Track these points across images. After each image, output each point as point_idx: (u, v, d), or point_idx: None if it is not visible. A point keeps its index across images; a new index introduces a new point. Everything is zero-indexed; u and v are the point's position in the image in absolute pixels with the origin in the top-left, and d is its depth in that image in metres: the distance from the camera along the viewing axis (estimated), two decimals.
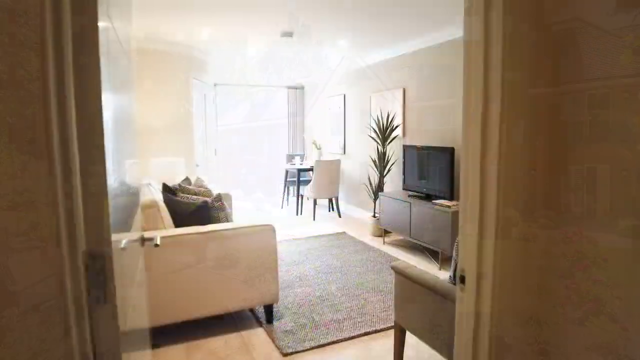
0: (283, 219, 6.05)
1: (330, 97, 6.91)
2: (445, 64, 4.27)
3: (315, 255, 4.26)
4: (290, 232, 5.22)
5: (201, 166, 5.49)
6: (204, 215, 2.64)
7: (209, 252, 2.48)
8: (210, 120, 6.00)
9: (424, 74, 4.62)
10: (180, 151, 4.96)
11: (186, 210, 2.69)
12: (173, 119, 4.88)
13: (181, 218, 2.68)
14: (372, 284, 3.44)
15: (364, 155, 5.94)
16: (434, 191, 4.13)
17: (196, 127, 5.28)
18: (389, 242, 4.75)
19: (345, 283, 3.47)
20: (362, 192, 6.04)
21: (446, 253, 3.73)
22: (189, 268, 2.43)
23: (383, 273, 3.70)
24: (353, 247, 4.54)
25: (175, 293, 2.41)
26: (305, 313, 2.92)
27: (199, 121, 5.43)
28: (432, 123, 4.53)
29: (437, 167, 4.07)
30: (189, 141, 5.06)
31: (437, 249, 3.83)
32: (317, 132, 7.61)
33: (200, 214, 2.63)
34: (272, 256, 2.68)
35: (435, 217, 3.83)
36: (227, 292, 2.56)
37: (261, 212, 6.65)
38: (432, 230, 3.87)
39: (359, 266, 3.89)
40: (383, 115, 5.30)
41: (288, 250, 4.41)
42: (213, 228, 2.52)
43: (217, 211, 2.80)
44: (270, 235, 2.66)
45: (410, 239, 4.21)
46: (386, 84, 5.33)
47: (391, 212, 4.50)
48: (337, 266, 3.89)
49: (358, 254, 4.26)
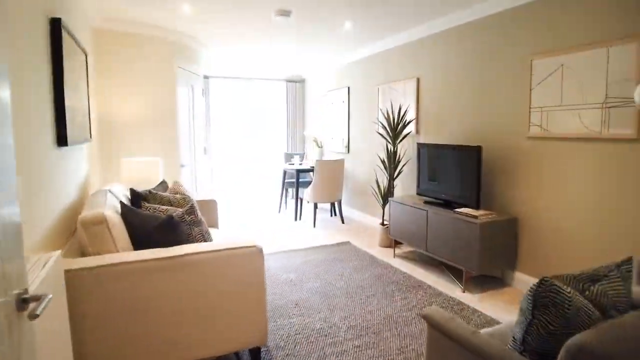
0: (280, 225, 5.44)
1: (333, 90, 6.29)
2: (470, 47, 3.65)
3: (315, 271, 3.64)
4: (287, 242, 4.60)
5: (187, 166, 4.88)
6: (171, 233, 2.03)
7: (173, 284, 1.87)
8: (199, 116, 5.38)
9: (444, 60, 3.99)
10: (161, 150, 4.35)
11: (149, 225, 2.08)
12: (153, 114, 4.27)
13: (144, 237, 2.07)
14: (384, 312, 2.82)
15: (371, 155, 5.32)
16: (455, 197, 3.51)
17: (182, 122, 4.67)
18: (400, 255, 4.13)
19: (351, 311, 2.85)
20: (369, 196, 5.42)
21: (472, 272, 3.11)
22: (143, 307, 1.82)
23: (396, 297, 3.08)
24: (359, 261, 3.93)
25: (124, 340, 1.80)
26: (302, 355, 2.31)
27: (185, 116, 4.82)
28: (453, 118, 3.90)
29: (459, 170, 3.45)
30: (172, 139, 4.45)
31: (460, 266, 3.22)
32: (319, 128, 6.99)
33: (165, 231, 2.02)
34: (259, 286, 2.06)
35: (458, 228, 3.21)
36: (200, 335, 1.95)
37: (253, 220, 6.04)
38: (454, 245, 3.25)
39: (366, 287, 3.28)
40: (394, 109, 4.67)
41: (283, 266, 3.80)
42: (178, 252, 1.91)
43: (189, 227, 2.19)
44: (256, 259, 2.05)
45: (426, 252, 3.59)
46: (397, 74, 4.71)
47: (403, 220, 3.88)
48: (341, 287, 3.28)
49: (365, 271, 3.65)
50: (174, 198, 2.87)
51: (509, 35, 3.26)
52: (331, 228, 5.29)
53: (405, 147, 4.65)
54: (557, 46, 2.88)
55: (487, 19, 3.44)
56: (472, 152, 3.30)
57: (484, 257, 3.08)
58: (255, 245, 2.05)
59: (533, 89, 3.07)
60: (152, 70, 4.23)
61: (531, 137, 3.12)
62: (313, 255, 4.12)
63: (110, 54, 3.96)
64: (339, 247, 4.38)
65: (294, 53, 5.65)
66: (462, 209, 3.35)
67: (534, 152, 3.10)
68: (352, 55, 5.58)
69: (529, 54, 3.10)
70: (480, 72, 3.55)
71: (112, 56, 3.98)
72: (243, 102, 7.36)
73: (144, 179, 3.50)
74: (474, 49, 3.60)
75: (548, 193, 3.01)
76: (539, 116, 3.03)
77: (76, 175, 2.67)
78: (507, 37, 3.27)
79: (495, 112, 3.42)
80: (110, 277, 1.77)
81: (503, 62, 3.32)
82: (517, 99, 3.21)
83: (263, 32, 4.41)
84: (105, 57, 3.94)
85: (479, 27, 3.53)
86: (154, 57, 4.24)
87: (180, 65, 4.57)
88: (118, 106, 4.04)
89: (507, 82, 3.29)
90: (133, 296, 1.81)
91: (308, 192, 5.39)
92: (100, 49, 3.91)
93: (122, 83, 4.04)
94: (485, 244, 3.08)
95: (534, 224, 3.14)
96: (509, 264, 3.26)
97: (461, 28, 3.73)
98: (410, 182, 4.55)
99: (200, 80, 5.33)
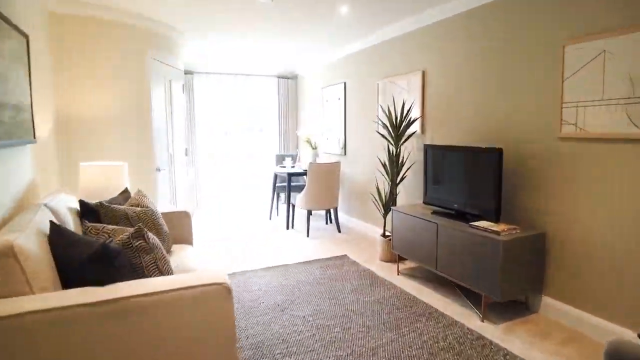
0: (269, 235, 4.92)
1: (328, 86, 5.78)
2: (486, 33, 3.15)
3: (306, 293, 3.13)
4: (276, 255, 4.09)
5: (165, 170, 4.35)
6: (108, 267, 1.51)
7: (106, 339, 1.36)
8: (180, 114, 4.86)
9: (454, 50, 3.49)
10: (132, 152, 3.82)
11: (81, 255, 1.55)
12: (122, 111, 3.73)
13: (74, 271, 1.54)
14: (390, 349, 2.32)
15: (370, 157, 4.81)
16: (470, 208, 3.01)
17: (158, 121, 4.14)
18: (405, 272, 3.63)
19: (350, 349, 2.34)
20: (368, 203, 4.91)
21: (493, 298, 2.61)
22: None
23: (403, 329, 2.57)
24: (358, 279, 3.42)
25: None
26: None
27: (162, 114, 4.29)
28: (466, 116, 3.40)
29: (475, 176, 2.95)
30: (145, 139, 3.92)
31: (478, 290, 2.72)
32: (313, 128, 6.48)
33: (100, 264, 1.49)
34: (227, 334, 1.55)
35: (476, 246, 2.71)
36: None
37: (240, 230, 5.52)
38: (471, 265, 2.75)
39: (368, 314, 2.77)
40: (397, 105, 4.17)
41: (270, 285, 3.28)
42: (113, 294, 1.39)
43: (137, 255, 1.67)
44: (223, 301, 1.53)
45: (436, 271, 3.09)
46: (400, 68, 4.20)
47: (408, 233, 3.38)
48: (338, 315, 2.77)
49: (365, 293, 3.14)
50: (132, 212, 2.35)
51: (534, 17, 2.76)
52: (326, 238, 4.78)
53: (408, 149, 4.14)
54: (597, 28, 2.39)
55: None
56: (492, 156, 2.80)
57: (508, 280, 2.58)
58: (222, 283, 1.53)
59: (566, 80, 2.57)
60: (121, 61, 3.70)
61: (563, 138, 2.62)
62: (305, 272, 3.60)
63: (71, 42, 3.43)
64: (335, 262, 3.86)
65: (284, 46, 5.13)
66: (479, 222, 2.85)
67: (566, 155, 2.60)
68: (349, 48, 5.07)
69: (560, 39, 2.60)
70: (499, 62, 3.05)
71: (73, 44, 3.44)
72: (231, 100, 6.84)
73: (104, 187, 2.97)
74: (491, 36, 3.11)
75: (583, 203, 2.52)
76: (573, 113, 2.54)
77: (6, 185, 2.14)
78: (532, 20, 2.78)
79: (518, 108, 2.92)
80: (10, 333, 1.25)
81: (528, 50, 2.82)
82: (546, 93, 2.71)
83: (248, 21, 3.89)
84: (65, 45, 3.40)
85: (498, 9, 3.03)
86: (124, 47, 3.71)
87: (156, 57, 4.05)
88: (81, 102, 3.51)
89: (532, 73, 2.80)
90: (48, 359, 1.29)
91: (300, 199, 4.87)
92: (58, 36, 3.38)
93: (85, 75, 3.51)
94: (510, 265, 2.58)
95: (565, 240, 2.64)
96: (535, 287, 2.77)
97: (475, 11, 3.23)
98: (415, 188, 4.05)
99: (180, 75, 4.81)
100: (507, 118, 3.00)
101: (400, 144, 3.80)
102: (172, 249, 2.73)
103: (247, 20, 3.97)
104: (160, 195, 4.17)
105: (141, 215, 2.39)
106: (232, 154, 6.97)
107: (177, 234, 2.95)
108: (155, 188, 4.04)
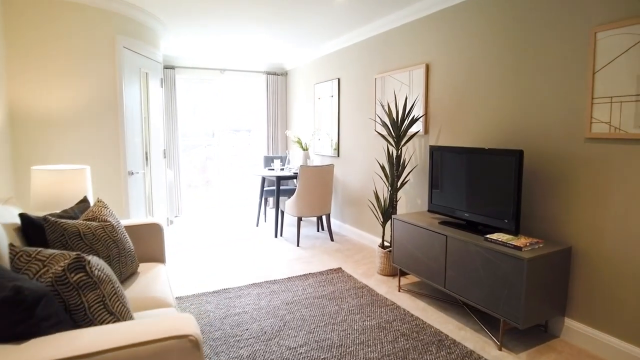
0: (256, 245, 4.51)
1: (320, 82, 5.39)
2: (500, 20, 2.80)
3: (297, 317, 2.73)
4: (262, 269, 3.68)
5: (139, 174, 3.91)
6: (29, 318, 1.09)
7: None
8: (158, 111, 4.42)
9: (462, 40, 3.14)
10: (98, 154, 3.38)
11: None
12: (86, 106, 3.30)
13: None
14: None
15: (367, 159, 4.44)
16: (484, 218, 2.65)
17: (130, 119, 3.71)
18: (407, 288, 3.26)
19: None
20: (364, 208, 4.54)
21: (512, 323, 2.25)
22: None
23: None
24: (355, 298, 3.04)
25: None
26: None
27: (136, 111, 3.85)
28: (476, 114, 3.05)
29: (490, 181, 2.60)
30: (114, 139, 3.48)
31: (495, 313, 2.36)
32: (303, 127, 6.09)
33: (14, 314, 1.08)
34: None
35: (493, 262, 2.35)
36: None
37: (224, 239, 5.11)
38: (487, 284, 2.39)
39: (370, 344, 2.38)
40: (399, 103, 3.80)
41: (256, 308, 2.88)
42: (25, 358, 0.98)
43: (75, 294, 1.25)
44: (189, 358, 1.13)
45: (445, 290, 2.72)
46: (400, 61, 3.84)
47: (412, 245, 3.01)
48: (334, 344, 2.38)
49: (365, 314, 2.76)
50: (85, 228, 1.93)
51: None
52: (318, 248, 4.39)
53: (410, 151, 3.78)
54: (636, 10, 2.05)
55: None
56: (509, 159, 2.45)
57: (532, 303, 2.23)
58: (187, 335, 1.13)
59: (597, 72, 2.23)
60: (86, 49, 3.26)
61: (593, 139, 2.28)
62: (296, 289, 3.21)
63: (25, 27, 2.98)
64: (329, 277, 3.48)
65: (272, 37, 4.73)
66: (495, 234, 2.49)
67: (596, 158, 2.26)
68: (344, 40, 4.69)
69: (591, 24, 2.26)
70: (517, 52, 2.70)
71: (27, 30, 3.00)
72: (217, 97, 6.40)
73: (60, 195, 2.54)
74: (506, 23, 2.76)
75: (615, 214, 2.18)
76: (606, 110, 2.20)
77: None
78: (556, 2, 2.43)
79: (538, 105, 2.57)
80: None
81: (551, 37, 2.47)
82: (572, 87, 2.37)
83: (232, 7, 3.48)
84: (18, 28, 2.95)
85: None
86: (88, 33, 3.27)
87: (128, 46, 3.61)
88: (37, 95, 3.06)
89: (556, 64, 2.45)
90: None
91: (290, 205, 4.48)
92: (10, 18, 2.93)
93: (42, 65, 3.07)
94: (535, 285, 2.22)
95: (593, 255, 2.30)
96: (558, 309, 2.42)
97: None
98: (417, 194, 3.69)
99: (158, 68, 4.37)
100: (525, 116, 2.65)
101: (402, 144, 3.44)
102: (138, 270, 2.32)
103: (231, 6, 3.56)
104: (133, 202, 3.73)
105: (97, 232, 1.97)
106: (217, 156, 6.54)
107: (146, 251, 2.53)
108: (126, 194, 3.60)
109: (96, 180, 3.38)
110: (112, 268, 2.01)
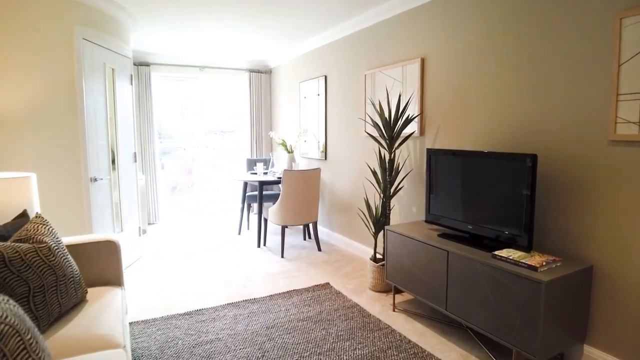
0: (236, 256, 4.14)
1: (306, 80, 5.05)
2: (509, 7, 2.49)
3: (279, 345, 2.37)
4: (242, 286, 3.31)
5: (104, 180, 3.51)
6: None
7: None
8: (127, 110, 4.02)
9: (463, 31, 2.83)
10: (52, 158, 2.98)
11: None
12: (37, 103, 2.89)
13: None
14: None
15: (357, 163, 4.11)
16: (490, 231, 2.33)
17: (93, 120, 3.31)
18: (403, 307, 2.93)
19: None
20: (353, 216, 4.21)
21: (526, 355, 1.93)
22: None
23: None
24: (344, 320, 2.69)
25: None
26: None
27: (100, 111, 3.46)
28: (480, 113, 2.74)
29: (498, 189, 2.28)
30: (73, 141, 3.08)
31: (507, 343, 2.04)
32: (288, 128, 5.74)
33: None
34: None
35: (504, 284, 2.03)
36: None
37: (201, 249, 4.73)
38: (497, 309, 2.07)
39: None
40: (391, 101, 3.48)
41: (232, 334, 2.51)
42: None
43: None
44: None
45: (446, 312, 2.40)
46: (393, 55, 3.51)
47: (408, 260, 2.68)
48: None
49: (356, 342, 2.41)
50: (12, 253, 1.55)
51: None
52: (304, 259, 4.03)
53: (404, 154, 3.46)
54: None
55: None
56: (522, 164, 2.14)
57: (550, 332, 1.91)
58: None
59: (623, 64, 1.93)
60: (38, 42, 2.86)
61: (619, 141, 1.98)
62: (278, 310, 2.85)
63: None
64: (315, 294, 3.13)
65: (254, 31, 4.37)
66: (505, 250, 2.18)
67: (623, 163, 1.96)
68: (331, 34, 4.36)
69: (614, 9, 1.96)
70: (526, 42, 2.39)
71: None
72: (197, 96, 6.01)
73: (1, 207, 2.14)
74: (514, 10, 2.45)
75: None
76: (634, 108, 1.90)
77: None
78: None
79: (552, 103, 2.26)
80: None
81: (567, 25, 2.17)
82: (592, 82, 2.07)
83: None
84: None
85: None
86: (41, 24, 2.87)
87: (88, 38, 3.21)
88: None
89: (574, 56, 2.15)
90: None
91: (273, 212, 4.12)
92: None
93: None
94: (553, 312, 1.91)
95: (617, 275, 2.00)
96: (578, 337, 2.11)
97: None
98: (412, 202, 3.37)
99: (127, 63, 3.97)
100: (537, 115, 2.35)
101: (395, 147, 3.11)
102: (87, 298, 1.94)
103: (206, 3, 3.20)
104: (97, 211, 3.33)
105: (28, 257, 1.59)
106: (198, 158, 6.14)
107: (98, 273, 2.14)
108: (88, 203, 3.21)
109: (52, 188, 2.98)
110: (46, 300, 1.63)
